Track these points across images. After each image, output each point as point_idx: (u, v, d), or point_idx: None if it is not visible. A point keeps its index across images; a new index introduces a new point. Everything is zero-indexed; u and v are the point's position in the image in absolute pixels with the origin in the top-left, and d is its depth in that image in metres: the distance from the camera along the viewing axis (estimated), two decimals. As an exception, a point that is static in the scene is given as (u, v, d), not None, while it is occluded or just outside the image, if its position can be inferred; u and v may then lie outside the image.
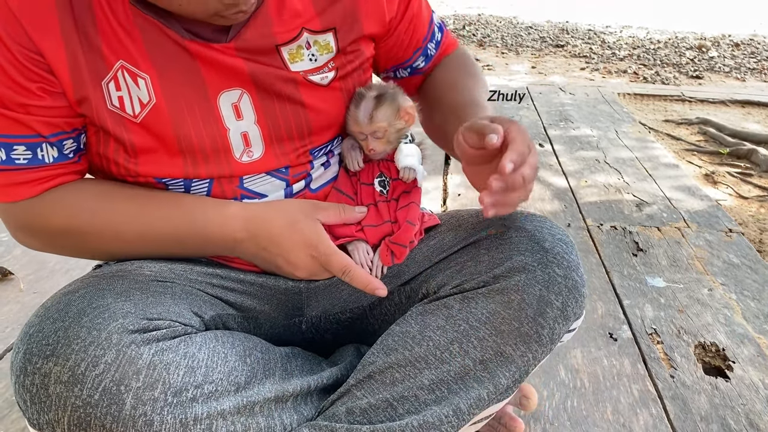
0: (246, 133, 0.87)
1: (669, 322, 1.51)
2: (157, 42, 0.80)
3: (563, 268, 0.83)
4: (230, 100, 0.85)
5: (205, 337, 0.77)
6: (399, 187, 0.96)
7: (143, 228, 0.86)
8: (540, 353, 0.82)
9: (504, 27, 6.82)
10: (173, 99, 0.82)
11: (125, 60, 0.80)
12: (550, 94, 3.93)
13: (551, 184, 2.44)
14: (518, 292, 0.81)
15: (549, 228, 0.88)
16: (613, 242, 1.94)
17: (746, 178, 2.76)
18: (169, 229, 0.87)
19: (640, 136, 3.10)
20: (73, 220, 0.84)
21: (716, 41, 6.17)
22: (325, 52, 0.90)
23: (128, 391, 0.67)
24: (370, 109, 0.90)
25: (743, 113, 3.82)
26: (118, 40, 0.79)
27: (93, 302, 0.73)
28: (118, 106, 0.81)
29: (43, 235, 0.87)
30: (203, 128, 0.84)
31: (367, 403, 0.79)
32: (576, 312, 0.84)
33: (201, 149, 0.85)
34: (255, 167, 0.90)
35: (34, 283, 1.61)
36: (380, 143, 0.92)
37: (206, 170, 0.87)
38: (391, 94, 0.92)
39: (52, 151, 0.81)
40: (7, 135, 0.79)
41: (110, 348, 0.69)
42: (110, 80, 0.80)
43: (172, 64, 0.82)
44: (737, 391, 1.27)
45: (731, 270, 1.78)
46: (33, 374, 0.68)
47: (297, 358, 0.88)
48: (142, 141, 0.83)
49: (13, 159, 0.79)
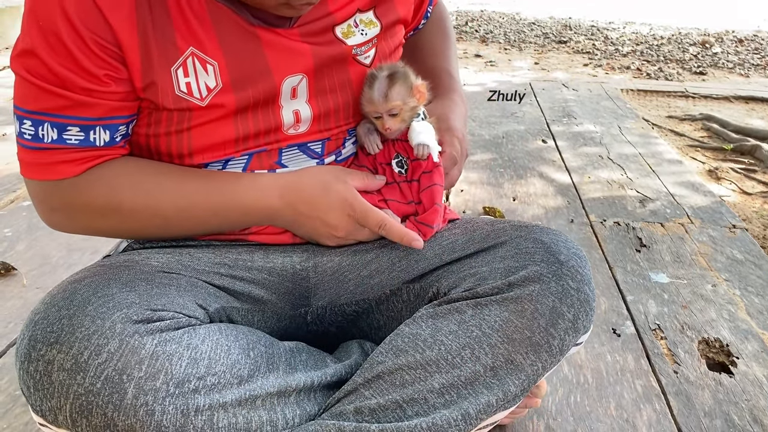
0: (297, 111, 0.93)
1: (672, 318, 1.50)
2: (228, 29, 0.84)
3: (576, 281, 0.84)
4: (291, 84, 0.91)
5: (209, 330, 0.77)
6: (418, 169, 0.98)
7: (183, 202, 0.88)
8: (549, 363, 0.83)
9: (507, 23, 6.81)
10: (239, 84, 0.86)
11: (195, 47, 0.83)
12: (553, 90, 3.92)
13: (554, 180, 2.43)
14: (532, 301, 0.82)
15: (564, 241, 0.90)
16: (616, 238, 1.94)
17: (750, 174, 2.75)
18: (208, 203, 0.89)
19: (644, 132, 3.09)
20: (113, 197, 0.85)
21: (720, 37, 6.15)
22: (371, 26, 0.97)
23: (130, 381, 0.67)
24: (384, 89, 0.93)
25: (747, 109, 3.81)
26: (189, 28, 0.82)
27: (98, 291, 0.74)
28: (186, 92, 0.84)
29: (81, 215, 0.87)
30: (261, 111, 0.90)
31: (376, 403, 0.79)
32: (585, 325, 0.86)
33: (255, 129, 0.90)
34: (297, 138, 0.95)
35: (38, 278, 1.61)
36: (396, 121, 0.95)
37: (255, 143, 0.92)
38: (403, 72, 0.95)
39: (104, 134, 0.83)
40: (64, 115, 0.79)
41: (113, 337, 0.69)
42: (179, 66, 0.83)
43: (240, 51, 0.85)
44: (741, 386, 1.27)
45: (735, 266, 1.78)
46: (37, 361, 0.69)
47: (301, 353, 0.88)
48: (202, 122, 0.86)
49: (64, 139, 0.80)
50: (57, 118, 0.79)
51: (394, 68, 0.95)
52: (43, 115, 0.79)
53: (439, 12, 1.26)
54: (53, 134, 0.79)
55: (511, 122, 3.17)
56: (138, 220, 0.88)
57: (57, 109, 0.78)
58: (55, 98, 0.78)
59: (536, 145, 2.85)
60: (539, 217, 2.09)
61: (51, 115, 0.79)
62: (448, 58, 1.21)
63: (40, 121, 0.79)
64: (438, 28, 1.24)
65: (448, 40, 1.24)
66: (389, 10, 1.00)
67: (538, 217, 2.08)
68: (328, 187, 0.93)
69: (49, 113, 0.79)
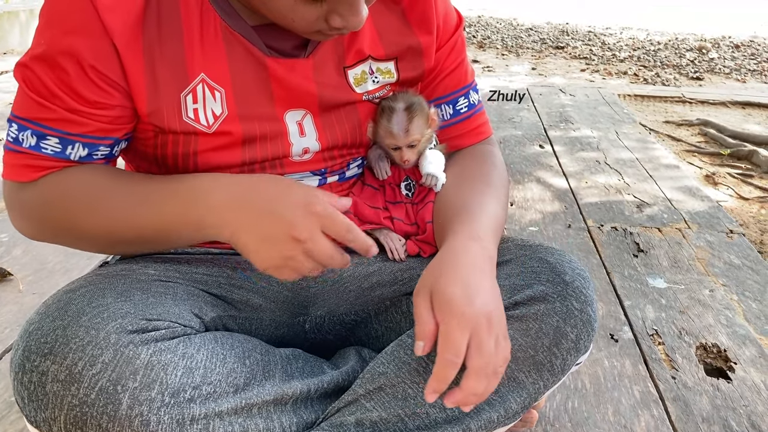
0: (307, 148, 0.92)
1: (670, 323, 1.50)
2: (239, 57, 0.84)
3: (581, 302, 0.84)
4: (295, 118, 0.90)
5: (205, 338, 0.77)
6: (423, 192, 0.99)
7: (132, 221, 0.81)
8: (551, 382, 0.84)
9: (504, 28, 6.82)
10: (245, 113, 0.85)
11: (206, 73, 0.82)
12: (551, 95, 3.93)
13: (552, 185, 2.43)
14: (536, 320, 0.82)
15: (569, 262, 0.90)
16: (614, 243, 1.94)
17: (747, 179, 2.76)
18: (149, 232, 0.81)
19: (641, 137, 3.10)
20: (66, 196, 0.81)
21: (716, 43, 6.17)
22: (387, 77, 0.95)
23: (125, 391, 0.67)
24: (405, 123, 0.93)
25: (744, 114, 3.82)
26: (203, 53, 0.82)
27: (93, 301, 0.73)
28: (193, 118, 0.83)
29: (41, 223, 0.84)
30: (269, 141, 0.88)
31: (377, 416, 0.79)
32: (586, 345, 0.86)
33: (263, 157, 0.89)
34: (302, 166, 0.93)
35: (34, 283, 1.60)
36: (414, 153, 0.96)
37: (260, 168, 0.90)
38: (419, 103, 0.95)
39: (82, 151, 0.81)
40: (46, 126, 0.78)
41: (108, 347, 0.68)
42: (189, 93, 0.82)
43: (247, 80, 0.85)
44: (739, 392, 1.26)
45: (732, 271, 1.78)
46: (31, 372, 0.68)
47: (298, 360, 0.88)
48: (208, 148, 0.85)
49: (41, 147, 0.79)
50: (39, 127, 0.78)
51: (410, 99, 0.95)
52: (28, 122, 0.78)
53: (489, 152, 1.03)
54: (32, 141, 0.79)
55: (509, 127, 3.17)
56: (88, 223, 0.81)
57: (42, 119, 0.78)
58: (43, 110, 0.78)
59: (534, 150, 2.85)
60: (537, 221, 2.09)
61: (35, 123, 0.78)
62: (478, 217, 0.86)
63: (23, 127, 0.79)
64: (480, 171, 0.98)
65: (490, 196, 0.92)
66: (413, 66, 0.96)
67: (536, 222, 2.08)
68: (291, 184, 0.78)
69: (34, 121, 0.78)
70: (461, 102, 1.03)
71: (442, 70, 1.01)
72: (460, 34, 1.02)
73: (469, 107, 1.03)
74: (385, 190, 1.01)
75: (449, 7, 1.01)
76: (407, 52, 0.95)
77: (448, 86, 1.02)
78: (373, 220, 0.97)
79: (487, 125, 1.07)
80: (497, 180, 0.97)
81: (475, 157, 1.02)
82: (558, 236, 1.98)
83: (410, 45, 0.95)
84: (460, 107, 1.03)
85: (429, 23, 0.95)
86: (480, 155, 1.03)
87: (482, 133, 1.06)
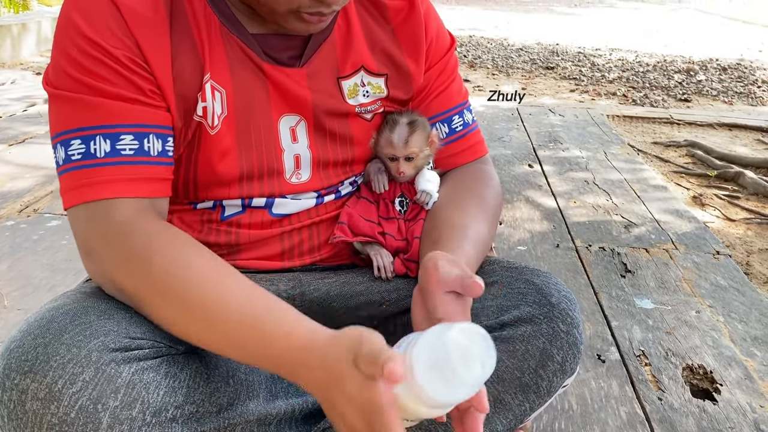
0: (298, 156, 0.93)
1: (657, 344, 1.50)
2: (238, 60, 0.86)
3: (567, 324, 0.85)
4: (289, 123, 0.91)
5: (189, 358, 0.76)
6: (415, 210, 1.01)
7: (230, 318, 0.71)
8: (536, 404, 0.84)
9: (495, 48, 6.88)
10: (242, 114, 0.87)
11: (212, 74, 0.85)
12: (540, 115, 3.96)
13: (540, 204, 2.45)
14: (523, 342, 0.83)
15: (555, 284, 0.90)
16: (601, 263, 1.94)
17: (733, 200, 2.78)
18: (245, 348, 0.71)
19: (629, 158, 3.12)
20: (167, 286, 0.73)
21: (704, 65, 6.25)
22: (377, 91, 0.97)
23: (105, 410, 0.66)
24: (405, 135, 0.97)
25: (730, 136, 3.86)
26: (210, 55, 0.84)
27: (75, 319, 0.72)
28: (201, 115, 0.85)
29: (110, 257, 0.76)
30: (263, 145, 0.90)
31: None
32: (572, 368, 0.87)
33: (258, 165, 0.90)
34: (301, 188, 0.95)
35: (19, 299, 1.59)
36: (410, 166, 0.99)
37: (259, 188, 0.91)
38: (422, 122, 0.99)
39: (157, 143, 0.81)
40: (112, 125, 0.77)
41: (89, 366, 0.67)
42: (199, 91, 0.84)
43: (246, 82, 0.87)
44: (725, 414, 1.27)
45: (719, 292, 1.79)
46: (11, 390, 0.67)
47: (282, 380, 0.87)
48: (207, 153, 0.86)
49: (118, 150, 0.77)
50: (110, 129, 0.77)
51: (414, 116, 0.99)
52: (95, 129, 0.77)
53: (484, 171, 1.05)
54: (106, 147, 0.77)
55: (498, 146, 3.19)
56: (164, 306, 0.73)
57: (104, 118, 0.77)
58: (97, 110, 0.77)
59: (523, 170, 2.87)
60: (525, 241, 2.10)
61: (103, 127, 0.77)
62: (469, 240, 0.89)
63: (91, 136, 0.76)
64: (472, 191, 0.99)
65: (477, 217, 0.93)
66: (401, 87, 0.98)
67: (525, 241, 2.09)
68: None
69: (96, 126, 0.77)
70: (456, 120, 1.04)
71: (433, 89, 1.02)
72: (452, 54, 1.04)
73: (463, 126, 1.05)
74: (379, 205, 1.02)
75: (441, 27, 1.02)
76: (396, 72, 0.97)
77: (440, 105, 1.03)
78: (367, 233, 0.98)
79: (482, 144, 1.09)
80: (490, 199, 0.99)
81: (470, 175, 1.04)
82: (546, 256, 1.99)
83: (399, 66, 0.97)
84: (456, 126, 1.04)
85: (418, 46, 0.97)
86: (474, 174, 1.04)
87: (478, 151, 1.07)
